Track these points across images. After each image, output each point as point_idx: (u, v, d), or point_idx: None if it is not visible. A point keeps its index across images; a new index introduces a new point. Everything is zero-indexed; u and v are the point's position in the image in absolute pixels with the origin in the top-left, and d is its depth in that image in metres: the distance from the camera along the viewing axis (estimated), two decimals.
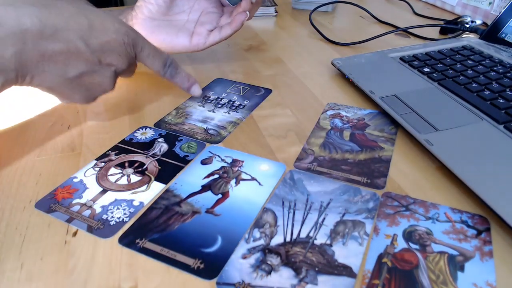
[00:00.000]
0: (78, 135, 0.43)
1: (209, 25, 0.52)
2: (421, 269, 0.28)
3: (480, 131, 0.40)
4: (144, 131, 0.43)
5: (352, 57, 0.57)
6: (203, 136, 0.42)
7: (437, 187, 0.35)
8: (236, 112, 0.47)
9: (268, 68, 0.59)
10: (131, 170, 0.37)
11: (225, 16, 0.53)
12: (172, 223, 0.32)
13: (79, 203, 0.33)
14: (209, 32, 0.51)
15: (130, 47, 0.38)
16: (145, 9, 0.50)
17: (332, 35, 0.71)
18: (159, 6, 0.50)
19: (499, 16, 0.61)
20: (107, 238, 0.30)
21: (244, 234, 0.31)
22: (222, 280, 0.27)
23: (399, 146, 0.41)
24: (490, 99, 0.44)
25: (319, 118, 0.46)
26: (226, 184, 0.36)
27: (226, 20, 0.52)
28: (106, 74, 0.37)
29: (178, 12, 0.52)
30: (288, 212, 0.33)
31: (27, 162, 0.39)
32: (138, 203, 0.33)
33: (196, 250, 0.29)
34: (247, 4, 0.50)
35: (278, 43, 0.69)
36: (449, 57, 0.55)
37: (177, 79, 0.44)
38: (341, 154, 0.40)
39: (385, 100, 0.46)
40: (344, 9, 0.89)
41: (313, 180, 0.36)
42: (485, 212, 0.33)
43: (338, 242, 0.30)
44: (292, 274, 0.28)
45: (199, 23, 0.52)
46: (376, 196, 0.34)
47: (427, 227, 0.31)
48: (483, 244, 0.30)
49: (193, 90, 0.46)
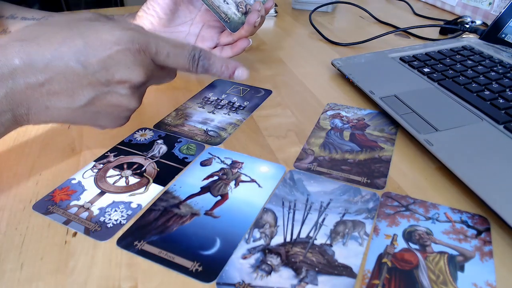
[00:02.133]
0: (78, 135, 0.43)
1: (210, 41, 0.52)
2: (421, 269, 0.28)
3: (480, 131, 0.39)
4: (143, 132, 0.43)
5: (352, 57, 0.57)
6: (202, 138, 0.42)
7: (437, 187, 0.35)
8: (236, 113, 0.47)
9: (268, 68, 0.59)
10: (129, 172, 0.37)
11: (226, 33, 0.52)
12: (170, 225, 0.32)
13: (76, 205, 0.33)
14: (209, 49, 0.51)
15: (140, 53, 0.32)
16: (146, 20, 0.50)
17: (332, 35, 0.71)
18: (160, 18, 0.50)
19: (499, 16, 0.61)
20: (104, 240, 0.30)
21: (244, 234, 0.31)
22: (222, 280, 0.27)
23: (399, 146, 0.41)
24: (490, 99, 0.44)
25: (319, 118, 0.46)
26: (225, 185, 0.36)
27: (226, 38, 0.52)
28: (121, 93, 0.32)
29: (180, 23, 0.52)
30: (288, 212, 0.33)
31: (27, 162, 0.39)
32: (136, 205, 0.33)
33: (194, 252, 0.29)
34: (250, 28, 0.49)
35: (278, 43, 0.69)
36: (449, 57, 0.55)
37: (213, 71, 0.36)
38: (341, 154, 0.40)
39: (385, 100, 0.46)
40: (344, 9, 0.89)
41: (313, 180, 0.36)
42: (485, 212, 0.33)
43: (338, 242, 0.30)
44: (292, 274, 0.27)
45: (200, 38, 0.52)
46: (376, 196, 0.34)
47: (427, 227, 0.31)
48: (483, 244, 0.30)
49: (238, 75, 0.37)
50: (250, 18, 0.48)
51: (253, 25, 0.49)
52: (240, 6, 0.50)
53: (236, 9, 0.50)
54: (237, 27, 0.50)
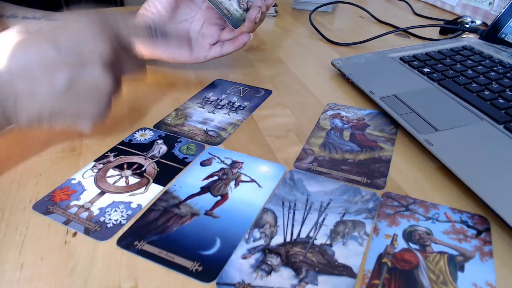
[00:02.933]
0: (78, 135, 0.43)
1: (211, 38, 0.52)
2: (421, 269, 0.28)
3: (480, 131, 0.39)
4: (143, 132, 0.43)
5: (352, 57, 0.57)
6: (202, 138, 0.42)
7: (437, 187, 0.35)
8: (236, 113, 0.47)
9: (268, 68, 0.59)
10: (129, 172, 0.37)
11: (228, 30, 0.52)
12: (170, 225, 0.32)
13: (76, 205, 0.33)
14: (210, 46, 0.51)
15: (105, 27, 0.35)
16: (147, 18, 0.50)
17: (332, 35, 0.71)
18: (161, 16, 0.50)
19: (499, 16, 0.61)
20: (104, 240, 0.30)
21: (244, 234, 0.31)
22: (222, 280, 0.27)
23: (399, 146, 0.41)
24: (490, 99, 0.44)
25: (319, 118, 0.46)
26: (225, 186, 0.36)
27: (227, 35, 0.52)
28: (95, 73, 0.34)
29: (180, 21, 0.52)
30: (288, 212, 0.33)
31: (27, 162, 0.39)
32: (136, 205, 0.33)
33: (194, 252, 0.29)
34: (250, 24, 0.50)
35: (278, 43, 0.69)
36: (449, 57, 0.55)
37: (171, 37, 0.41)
38: (341, 154, 0.40)
39: (385, 100, 0.46)
40: (344, 9, 0.89)
41: (313, 180, 0.36)
42: (485, 212, 0.33)
43: (338, 242, 0.30)
44: (292, 274, 0.27)
45: (201, 35, 0.52)
46: (376, 196, 0.34)
47: (427, 227, 0.31)
48: (483, 244, 0.30)
49: None
50: (250, 13, 0.49)
51: (253, 21, 0.49)
52: (241, 2, 0.50)
53: (237, 5, 0.50)
54: (238, 23, 0.50)
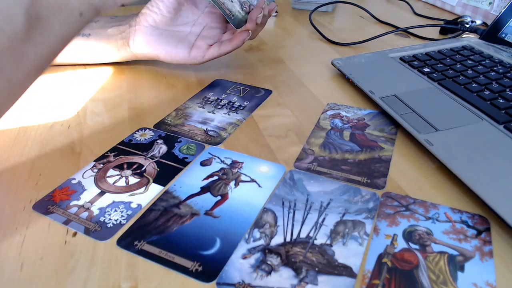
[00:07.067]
0: (78, 135, 0.43)
1: (210, 39, 0.52)
2: (421, 269, 0.28)
3: (480, 131, 0.39)
4: (143, 132, 0.43)
5: (352, 57, 0.57)
6: (203, 138, 0.42)
7: (437, 187, 0.35)
8: (236, 113, 0.47)
9: (268, 68, 0.59)
10: (129, 171, 0.37)
11: (228, 33, 0.53)
12: (170, 225, 0.32)
13: (76, 205, 0.33)
14: (208, 46, 0.52)
15: None
16: (149, 17, 0.50)
17: (332, 35, 0.71)
18: (163, 16, 0.50)
19: (499, 16, 0.61)
20: (104, 240, 0.30)
21: (244, 234, 0.31)
22: (222, 280, 0.27)
23: (399, 146, 0.41)
24: (490, 99, 0.44)
25: (319, 118, 0.46)
26: (225, 185, 0.36)
27: (228, 37, 0.52)
28: None
29: (182, 23, 0.52)
30: (288, 212, 0.33)
31: (27, 162, 0.39)
32: (136, 205, 0.33)
33: (194, 252, 0.29)
34: (251, 24, 0.50)
35: (278, 43, 0.69)
36: (449, 57, 0.55)
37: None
38: (341, 154, 0.40)
39: (385, 100, 0.46)
40: (344, 9, 0.89)
41: (313, 180, 0.36)
42: (485, 212, 0.33)
43: (338, 242, 0.30)
44: (292, 274, 0.27)
45: (201, 36, 0.52)
46: (376, 196, 0.34)
47: (427, 227, 0.31)
48: (483, 244, 0.30)
49: None
50: (252, 13, 0.49)
51: (255, 21, 0.49)
52: (244, 6, 0.50)
53: (240, 8, 0.50)
54: (240, 24, 0.51)
